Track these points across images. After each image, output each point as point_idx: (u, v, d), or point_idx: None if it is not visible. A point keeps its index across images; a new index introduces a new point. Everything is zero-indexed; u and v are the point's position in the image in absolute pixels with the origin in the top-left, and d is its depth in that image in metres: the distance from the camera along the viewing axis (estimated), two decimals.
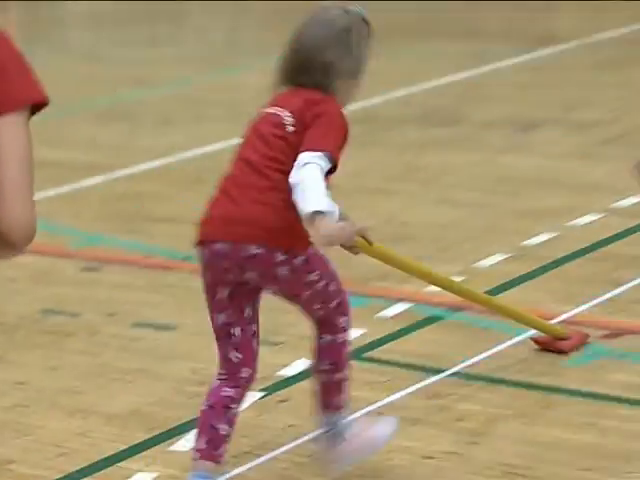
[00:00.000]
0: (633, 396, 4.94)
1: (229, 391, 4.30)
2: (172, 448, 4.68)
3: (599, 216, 7.02)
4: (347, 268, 6.51)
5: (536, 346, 5.58)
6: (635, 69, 11.10)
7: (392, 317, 5.82)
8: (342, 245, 4.55)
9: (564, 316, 5.77)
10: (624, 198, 7.33)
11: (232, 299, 4.30)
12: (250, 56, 12.41)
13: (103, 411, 5.01)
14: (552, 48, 12.36)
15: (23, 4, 17.01)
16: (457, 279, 6.19)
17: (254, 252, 4.15)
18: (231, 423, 4.30)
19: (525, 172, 8.18)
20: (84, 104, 10.49)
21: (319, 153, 4.10)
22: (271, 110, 4.33)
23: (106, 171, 8.26)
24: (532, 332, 5.49)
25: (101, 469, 4.51)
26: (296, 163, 4.09)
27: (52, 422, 4.94)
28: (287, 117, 4.24)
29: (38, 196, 7.87)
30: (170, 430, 4.79)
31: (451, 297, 5.94)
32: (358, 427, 4.54)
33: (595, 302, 5.91)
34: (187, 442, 4.68)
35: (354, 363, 5.38)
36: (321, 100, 4.29)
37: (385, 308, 5.90)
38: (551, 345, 5.52)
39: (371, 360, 5.38)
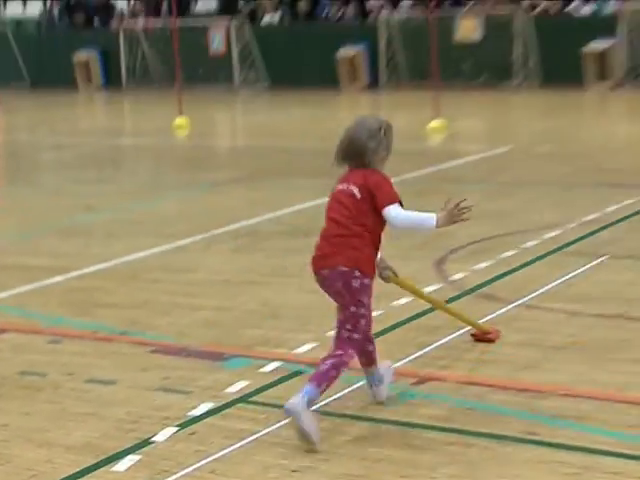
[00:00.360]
0: (436, 424, 4.98)
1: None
2: (113, 469, 4.61)
3: (411, 299, 7.08)
4: (237, 337, 6.54)
5: (472, 338, 6.13)
6: None
7: (269, 372, 5.81)
8: (380, 276, 5.42)
9: None
10: (426, 287, 7.38)
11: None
12: (169, 190, 12.43)
13: (63, 444, 4.91)
14: None
15: (7, 153, 16.89)
16: (313, 344, 6.25)
17: (342, 269, 4.98)
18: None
19: None
20: (51, 225, 10.40)
21: (396, 203, 4.99)
22: (343, 186, 5.15)
23: (65, 272, 8.20)
24: (370, 378, 5.52)
25: None
26: (389, 215, 4.99)
27: (26, 452, 4.85)
28: (354, 189, 5.06)
29: (17, 291, 7.70)
30: (111, 456, 4.71)
31: (311, 356, 5.95)
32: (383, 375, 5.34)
33: (408, 359, 5.95)
34: (123, 465, 4.66)
35: (243, 406, 5.39)
36: (372, 173, 5.10)
37: (264, 365, 5.87)
38: (482, 338, 6.12)
39: (255, 403, 5.35)
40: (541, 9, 21.07)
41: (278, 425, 5.05)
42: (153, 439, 4.95)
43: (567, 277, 7.55)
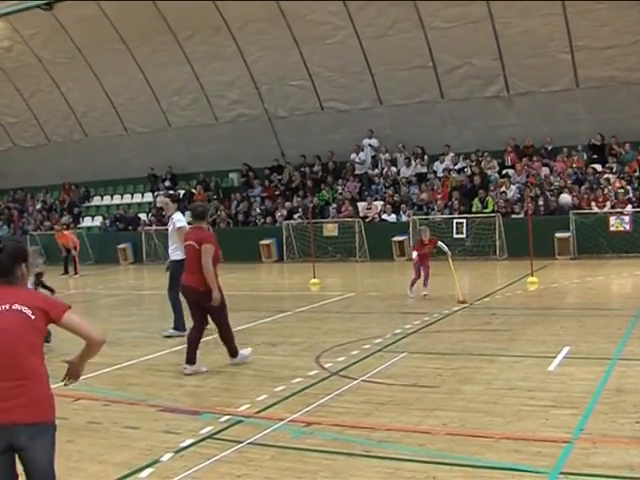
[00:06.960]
0: (315, 448, 4.97)
1: None
2: (139, 476, 4.55)
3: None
4: (206, 401, 6.32)
5: None
6: None
7: (224, 421, 5.72)
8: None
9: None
10: (310, 372, 7.32)
11: None
12: (168, 319, 12.16)
13: (111, 461, 4.84)
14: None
15: (85, 300, 16.21)
16: (248, 405, 6.08)
17: None
18: None
19: None
20: None
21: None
22: None
23: (110, 366, 7.93)
24: None
25: None
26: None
27: (91, 467, 4.78)
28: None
29: (84, 377, 7.28)
30: (138, 469, 4.68)
31: (247, 413, 5.83)
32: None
33: (300, 412, 5.88)
34: (145, 473, 4.59)
35: (210, 440, 5.26)
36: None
37: (221, 417, 5.80)
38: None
39: (216, 438, 5.32)
40: (371, 217, 22.02)
41: (230, 450, 5.02)
42: (161, 459, 4.91)
43: (386, 364, 7.45)
